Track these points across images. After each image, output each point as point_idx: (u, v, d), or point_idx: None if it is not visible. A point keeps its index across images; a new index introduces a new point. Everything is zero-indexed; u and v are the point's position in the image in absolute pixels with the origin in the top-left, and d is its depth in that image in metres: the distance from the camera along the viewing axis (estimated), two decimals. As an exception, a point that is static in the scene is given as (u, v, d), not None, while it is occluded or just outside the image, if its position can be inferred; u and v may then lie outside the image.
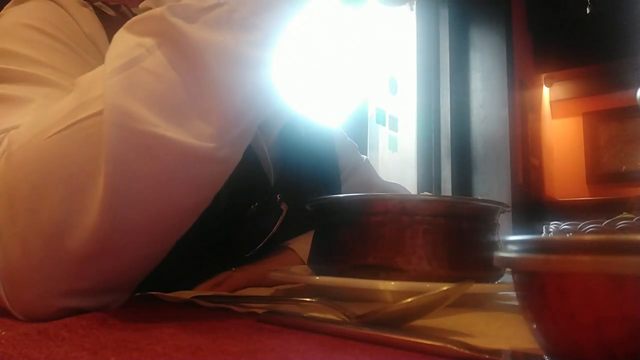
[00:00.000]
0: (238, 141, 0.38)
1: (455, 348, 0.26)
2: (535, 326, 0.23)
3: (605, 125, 3.43)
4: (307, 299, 0.39)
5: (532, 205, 2.89)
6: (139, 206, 0.35)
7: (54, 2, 0.51)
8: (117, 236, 0.35)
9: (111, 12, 0.55)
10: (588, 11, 2.98)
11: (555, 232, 0.84)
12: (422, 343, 0.28)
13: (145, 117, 0.33)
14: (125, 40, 0.36)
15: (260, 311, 0.37)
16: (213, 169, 0.37)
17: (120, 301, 0.40)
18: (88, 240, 0.34)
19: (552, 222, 0.87)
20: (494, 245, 0.48)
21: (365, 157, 0.92)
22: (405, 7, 2.25)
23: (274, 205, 0.64)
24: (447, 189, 2.54)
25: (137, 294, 0.46)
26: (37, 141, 0.35)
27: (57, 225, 0.34)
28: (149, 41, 0.35)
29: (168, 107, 0.34)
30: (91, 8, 0.54)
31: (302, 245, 0.65)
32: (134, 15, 0.48)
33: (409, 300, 0.31)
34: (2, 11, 0.51)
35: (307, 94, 1.76)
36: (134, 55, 0.35)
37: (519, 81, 2.83)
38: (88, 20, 0.52)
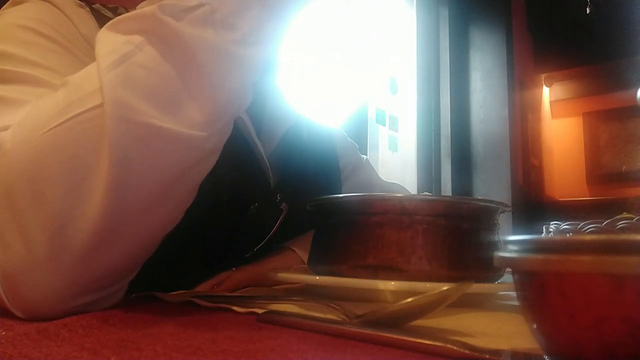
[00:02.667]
0: (223, 132, 0.40)
1: (455, 348, 0.26)
2: (535, 326, 0.23)
3: (605, 125, 3.43)
4: (307, 299, 0.39)
5: (532, 205, 2.89)
6: (139, 195, 0.36)
7: (51, 3, 0.51)
8: (119, 225, 0.35)
9: (109, 14, 0.55)
10: (588, 11, 2.98)
11: (555, 232, 0.84)
12: (422, 343, 0.28)
13: (143, 109, 0.35)
14: (111, 39, 0.37)
15: (260, 311, 0.37)
16: (202, 157, 0.39)
17: (118, 294, 0.40)
18: (92, 231, 0.34)
19: (552, 222, 0.87)
20: (494, 245, 0.48)
21: (365, 157, 0.93)
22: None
23: (274, 206, 0.64)
24: (447, 189, 2.54)
25: (137, 294, 0.46)
26: (33, 138, 0.35)
27: (60, 218, 0.34)
28: (136, 38, 0.37)
29: (162, 99, 0.36)
30: (88, 9, 0.54)
31: (302, 245, 0.65)
32: None
33: (409, 300, 0.31)
34: None
35: (308, 95, 1.76)
36: (125, 51, 0.36)
37: (519, 81, 2.83)
38: (84, 21, 0.52)
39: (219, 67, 0.37)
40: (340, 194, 0.75)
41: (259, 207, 0.62)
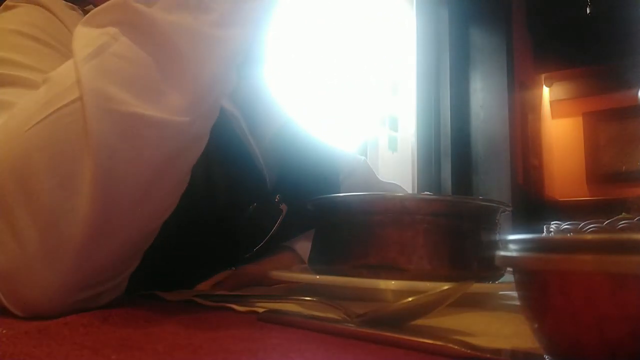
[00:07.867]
0: (207, 116, 0.40)
1: (456, 347, 0.26)
2: (536, 325, 0.23)
3: (605, 125, 3.43)
4: (308, 298, 0.39)
5: (532, 205, 2.89)
6: (128, 184, 0.35)
7: (41, 5, 0.52)
8: (112, 217, 0.35)
9: None
10: (588, 11, 2.98)
11: (555, 232, 0.84)
12: (423, 342, 0.28)
13: (123, 98, 0.34)
14: (86, 33, 0.37)
15: (260, 310, 0.37)
16: (188, 142, 0.39)
17: (119, 289, 0.40)
18: (84, 225, 0.34)
19: (552, 222, 0.87)
20: (494, 245, 0.48)
21: (363, 158, 0.93)
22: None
23: (274, 206, 0.64)
24: (447, 189, 2.54)
25: (138, 293, 0.46)
26: (16, 135, 0.35)
27: (51, 214, 0.34)
28: (111, 30, 0.36)
29: (142, 86, 0.36)
30: (80, 12, 0.55)
31: (303, 245, 0.65)
32: None
33: (410, 299, 0.31)
34: None
35: (307, 98, 1.76)
36: (100, 43, 0.36)
37: (519, 81, 2.83)
38: (76, 22, 0.52)
39: (197, 50, 0.37)
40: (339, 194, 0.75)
41: (257, 206, 0.62)
